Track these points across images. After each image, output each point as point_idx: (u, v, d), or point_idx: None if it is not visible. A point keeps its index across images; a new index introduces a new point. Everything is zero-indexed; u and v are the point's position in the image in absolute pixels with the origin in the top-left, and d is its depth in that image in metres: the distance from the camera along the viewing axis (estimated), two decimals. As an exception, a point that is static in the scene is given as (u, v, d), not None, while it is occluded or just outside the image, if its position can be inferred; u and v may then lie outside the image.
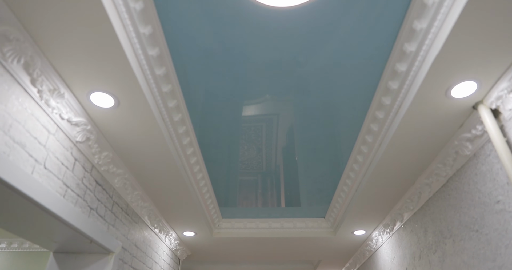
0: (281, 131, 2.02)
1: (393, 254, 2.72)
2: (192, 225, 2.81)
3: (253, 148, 2.18)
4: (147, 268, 2.46)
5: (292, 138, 2.11)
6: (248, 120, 1.94)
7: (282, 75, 1.59)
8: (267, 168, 2.39)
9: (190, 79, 1.60)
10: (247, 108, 1.85)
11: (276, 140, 2.11)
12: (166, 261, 2.94)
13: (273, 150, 2.21)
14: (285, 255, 3.64)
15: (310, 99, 1.73)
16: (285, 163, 2.35)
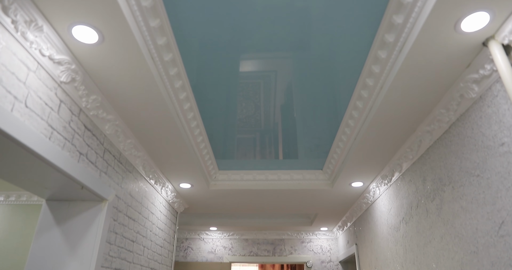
0: (280, 88, 1.93)
1: (390, 205, 2.73)
2: (188, 177, 2.79)
3: (250, 99, 2.09)
4: (143, 218, 2.46)
5: (291, 94, 2.02)
6: (246, 76, 1.84)
7: (281, 23, 1.47)
8: (265, 122, 2.32)
9: (186, 30, 1.49)
10: (244, 64, 1.75)
11: (274, 97, 2.03)
12: (163, 212, 2.95)
13: (271, 105, 2.13)
14: (282, 208, 3.67)
15: (310, 51, 1.62)
16: (283, 117, 2.28)
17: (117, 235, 2.02)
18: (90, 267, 1.75)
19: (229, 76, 1.89)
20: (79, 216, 1.86)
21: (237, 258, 4.69)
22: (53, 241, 1.81)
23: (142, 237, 2.42)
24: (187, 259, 4.67)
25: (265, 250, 4.76)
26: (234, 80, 1.93)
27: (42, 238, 1.83)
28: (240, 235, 4.79)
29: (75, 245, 1.79)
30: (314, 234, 4.84)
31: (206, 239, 4.81)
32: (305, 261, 4.71)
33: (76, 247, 1.78)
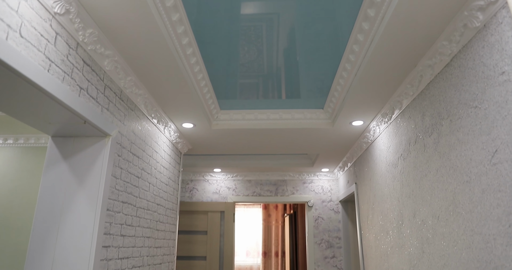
0: (282, 31, 1.87)
1: (389, 142, 2.77)
2: (190, 116, 2.82)
3: (252, 43, 2.04)
4: (147, 156, 2.53)
5: (293, 36, 1.96)
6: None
7: None
8: (268, 63, 2.29)
9: None
10: (246, 6, 1.68)
11: (277, 40, 1.97)
12: (167, 152, 3.03)
13: (274, 48, 2.08)
14: (284, 148, 3.74)
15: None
16: (285, 59, 2.24)
17: (122, 170, 2.10)
18: (98, 199, 1.84)
19: (230, 19, 1.84)
20: (84, 151, 1.92)
21: (241, 198, 4.88)
22: (61, 175, 1.88)
23: (147, 174, 2.51)
24: (193, 200, 4.87)
25: (267, 191, 4.93)
26: (235, 23, 1.88)
27: (50, 173, 1.90)
28: (244, 176, 4.95)
29: (83, 178, 1.87)
30: (315, 175, 4.98)
31: (210, 180, 4.97)
32: (307, 201, 4.89)
33: (84, 180, 1.86)
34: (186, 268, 4.40)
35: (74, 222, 1.79)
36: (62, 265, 1.73)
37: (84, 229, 1.78)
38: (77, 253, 1.75)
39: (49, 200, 1.84)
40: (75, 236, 1.77)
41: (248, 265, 7.55)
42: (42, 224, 1.81)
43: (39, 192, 1.87)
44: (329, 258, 4.65)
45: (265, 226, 7.59)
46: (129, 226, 2.17)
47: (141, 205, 2.38)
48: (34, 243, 1.78)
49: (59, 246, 1.76)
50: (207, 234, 4.56)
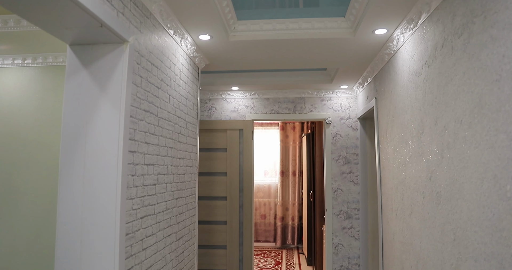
0: None
1: (414, 51, 2.66)
2: (207, 27, 2.72)
3: None
4: (165, 67, 2.51)
5: None
6: None
7: None
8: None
9: None
10: None
11: None
12: (185, 66, 3.00)
13: None
14: (303, 61, 3.65)
15: None
16: None
17: (142, 78, 2.10)
18: (121, 106, 1.87)
19: None
20: (103, 59, 1.90)
21: (259, 116, 4.93)
22: (83, 83, 1.90)
23: (166, 85, 2.51)
24: (211, 118, 4.95)
25: (286, 108, 4.95)
26: None
27: (72, 82, 1.92)
28: (262, 94, 4.94)
29: (104, 85, 1.88)
30: (334, 92, 4.92)
31: (228, 99, 4.99)
32: (325, 118, 4.91)
33: (105, 87, 1.88)
34: (208, 182, 4.64)
35: (100, 129, 1.85)
36: (92, 171, 1.83)
37: (110, 135, 1.84)
38: (105, 158, 1.83)
39: (74, 108, 1.89)
40: (102, 143, 1.84)
41: (266, 184, 7.92)
42: (69, 134, 1.88)
43: (64, 102, 1.90)
44: (346, 174, 4.81)
45: (283, 146, 7.78)
46: (152, 134, 2.24)
47: (162, 115, 2.42)
48: (65, 154, 1.87)
49: (88, 153, 1.85)
50: (227, 151, 4.71)
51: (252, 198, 4.66)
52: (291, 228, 7.60)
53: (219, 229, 4.60)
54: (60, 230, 1.81)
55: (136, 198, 1.98)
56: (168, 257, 2.50)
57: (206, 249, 4.57)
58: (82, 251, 1.77)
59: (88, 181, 1.81)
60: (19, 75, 3.51)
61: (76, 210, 1.80)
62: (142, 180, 2.07)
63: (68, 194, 1.82)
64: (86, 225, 1.79)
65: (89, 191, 1.80)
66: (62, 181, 1.84)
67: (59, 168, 1.85)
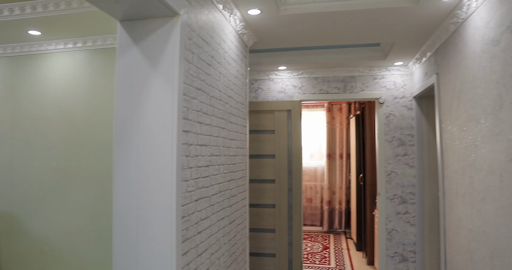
0: None
1: (490, 16, 2.35)
2: (257, 0, 2.56)
3: None
4: (215, 44, 2.39)
5: None
6: None
7: None
8: None
9: None
10: None
11: None
12: (234, 43, 2.87)
13: None
14: (356, 36, 3.41)
15: None
16: None
17: (193, 54, 1.99)
18: (174, 83, 1.77)
19: None
20: (154, 34, 1.81)
21: (307, 96, 4.74)
22: (134, 60, 1.82)
23: (217, 63, 2.40)
24: (258, 99, 4.82)
25: (335, 88, 4.71)
26: None
27: (123, 59, 1.85)
28: (310, 74, 4.73)
29: (156, 62, 1.79)
30: (387, 69, 4.62)
31: (275, 79, 4.83)
32: (377, 98, 4.64)
33: (157, 64, 1.79)
34: (256, 165, 4.55)
35: (153, 108, 1.77)
36: (146, 152, 1.76)
37: (164, 114, 1.75)
38: (159, 138, 1.75)
39: (126, 86, 1.82)
40: (156, 122, 1.76)
41: (312, 167, 7.75)
42: (122, 113, 1.82)
43: (115, 80, 1.84)
44: (401, 156, 4.54)
45: (329, 128, 7.54)
46: (204, 114, 2.14)
47: (214, 94, 2.32)
48: (118, 133, 1.81)
49: (142, 133, 1.78)
50: (275, 133, 4.58)
51: (301, 181, 4.53)
52: (338, 212, 7.42)
53: (267, 213, 4.53)
54: (117, 212, 1.78)
55: (191, 180, 1.91)
56: (221, 240, 2.44)
57: (254, 232, 4.52)
58: (139, 235, 1.73)
59: (143, 162, 1.75)
60: (71, 59, 3.55)
61: (131, 192, 1.76)
62: (196, 161, 1.99)
63: (123, 176, 1.78)
64: (141, 208, 1.74)
65: (144, 173, 1.74)
66: (116, 162, 1.80)
67: (113, 149, 1.80)
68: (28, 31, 3.27)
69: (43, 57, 3.64)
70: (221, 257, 2.44)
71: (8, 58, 3.75)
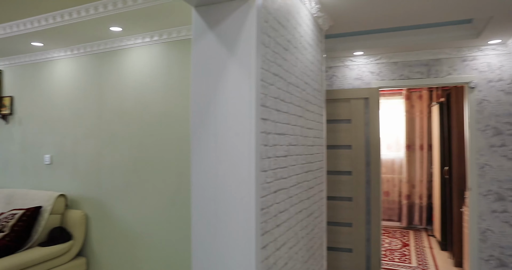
0: None
1: None
2: (334, -22, 2.38)
3: None
4: (291, 27, 2.26)
5: None
6: None
7: None
8: None
9: None
10: None
11: None
12: (309, 27, 2.71)
13: None
14: (446, 11, 3.04)
15: None
16: None
17: (270, 38, 1.88)
18: (251, 69, 1.68)
19: None
20: (230, 17, 1.73)
21: (386, 83, 4.41)
22: (210, 46, 1.76)
23: (293, 47, 2.27)
24: (333, 87, 4.60)
25: (418, 73, 4.32)
26: None
27: (199, 45, 1.79)
28: (389, 58, 4.39)
29: (232, 47, 1.71)
30: (479, 50, 4.11)
31: (351, 65, 4.57)
32: (467, 82, 4.16)
33: (233, 49, 1.71)
34: (331, 156, 4.36)
35: (230, 94, 1.70)
36: (224, 141, 1.70)
37: (241, 101, 1.67)
38: (237, 126, 1.68)
39: (202, 72, 1.77)
40: (233, 109, 1.69)
41: (389, 159, 7.31)
42: (199, 100, 1.77)
43: (192, 66, 1.80)
44: (497, 147, 4.04)
45: (408, 118, 7.03)
46: (282, 101, 2.03)
47: (291, 80, 2.19)
48: (195, 122, 1.77)
49: (219, 121, 1.72)
50: (351, 122, 4.34)
51: (379, 173, 4.25)
52: (419, 207, 6.92)
53: (343, 206, 4.33)
54: (195, 204, 1.74)
55: (269, 171, 1.81)
56: (299, 234, 2.33)
57: (330, 225, 4.35)
58: (218, 227, 1.67)
59: (220, 152, 1.69)
60: (148, 52, 3.66)
61: (209, 183, 1.71)
62: (274, 151, 1.89)
63: (200, 167, 1.73)
64: (220, 199, 1.68)
65: (221, 163, 1.68)
66: (194, 152, 1.76)
67: (190, 139, 1.76)
68: (110, 27, 3.41)
69: (123, 52, 3.80)
70: (299, 252, 2.33)
71: (93, 55, 3.98)
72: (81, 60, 4.06)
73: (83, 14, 3.18)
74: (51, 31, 3.50)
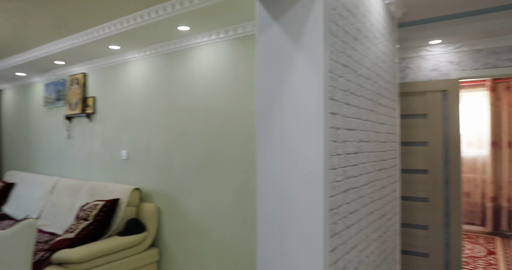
0: None
1: None
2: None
3: None
4: (361, 15, 2.11)
5: None
6: None
7: None
8: None
9: None
10: None
11: None
12: (380, 14, 2.52)
13: None
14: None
15: None
16: None
17: (338, 27, 1.76)
18: (318, 60, 1.58)
19: None
20: (294, 6, 1.64)
21: (468, 73, 4.00)
22: (275, 37, 1.69)
23: (363, 36, 2.12)
24: (406, 80, 4.29)
25: (507, 60, 3.86)
26: None
27: (264, 37, 1.74)
28: (471, 46, 3.98)
29: (297, 37, 1.62)
30: None
31: (426, 56, 4.22)
32: None
33: (299, 39, 1.62)
34: (405, 153, 4.08)
35: (296, 87, 1.61)
36: (290, 137, 1.63)
37: (308, 94, 1.58)
38: (304, 121, 1.59)
39: (267, 65, 1.70)
40: (299, 103, 1.60)
41: (470, 157, 6.69)
42: (264, 95, 1.71)
43: (256, 59, 1.75)
44: None
45: (493, 111, 6.37)
46: (352, 94, 1.90)
47: (361, 72, 2.05)
48: (261, 117, 1.72)
49: (285, 116, 1.64)
50: (427, 117, 4.01)
51: (460, 172, 3.88)
52: (507, 211, 6.24)
53: (419, 207, 4.02)
54: (261, 202, 1.69)
55: (339, 169, 1.70)
56: (371, 236, 2.18)
57: (404, 228, 4.08)
58: (284, 227, 1.61)
59: (287, 148, 1.62)
60: (215, 50, 3.70)
61: (275, 180, 1.65)
62: (344, 147, 1.77)
63: (266, 163, 1.68)
64: (286, 198, 1.61)
65: (288, 160, 1.61)
66: (259, 148, 1.71)
67: (256, 134, 1.71)
68: (178, 27, 3.50)
69: (191, 51, 3.88)
70: (370, 255, 2.18)
71: (163, 55, 4.13)
72: (153, 60, 4.23)
73: (153, 15, 3.30)
74: (126, 34, 3.69)
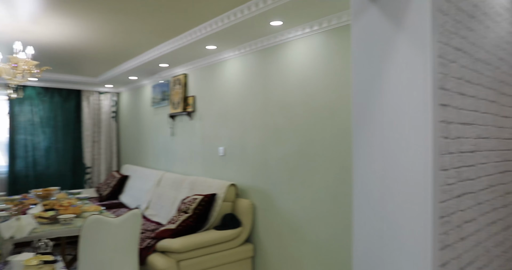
0: None
1: None
2: None
3: None
4: (480, -11, 1.78)
5: None
6: None
7: None
8: None
9: None
10: None
11: None
12: (505, -13, 2.11)
13: None
14: None
15: None
16: None
17: (449, 4, 1.50)
18: (425, 43, 1.35)
19: None
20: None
21: None
22: (372, 21, 1.50)
23: (481, 13, 1.78)
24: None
25: None
26: None
27: (360, 22, 1.56)
28: None
29: (399, 18, 1.41)
30: None
31: None
32: None
33: (401, 20, 1.41)
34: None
35: (398, 75, 1.41)
36: (392, 132, 1.43)
37: (413, 83, 1.37)
38: (408, 114, 1.38)
39: (364, 53, 1.53)
40: (403, 94, 1.40)
41: None
42: (361, 85, 1.54)
43: (352, 47, 1.58)
44: None
45: None
46: (467, 82, 1.61)
47: (479, 56, 1.73)
48: (357, 110, 1.55)
49: (385, 108, 1.45)
50: None
51: None
52: None
53: (554, 216, 3.36)
54: (358, 203, 1.53)
55: (451, 170, 1.45)
56: (492, 251, 1.84)
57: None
58: (384, 234, 1.42)
59: (388, 145, 1.42)
60: (309, 43, 3.56)
61: (374, 181, 1.47)
62: (458, 145, 1.50)
63: (363, 161, 1.51)
64: (386, 201, 1.42)
65: (389, 158, 1.42)
66: (356, 145, 1.54)
67: (352, 129, 1.55)
68: (270, 22, 3.45)
69: (284, 46, 3.80)
70: (491, 272, 1.84)
71: (257, 52, 4.13)
72: (247, 57, 4.26)
73: (246, 12, 3.29)
74: (220, 34, 3.76)
